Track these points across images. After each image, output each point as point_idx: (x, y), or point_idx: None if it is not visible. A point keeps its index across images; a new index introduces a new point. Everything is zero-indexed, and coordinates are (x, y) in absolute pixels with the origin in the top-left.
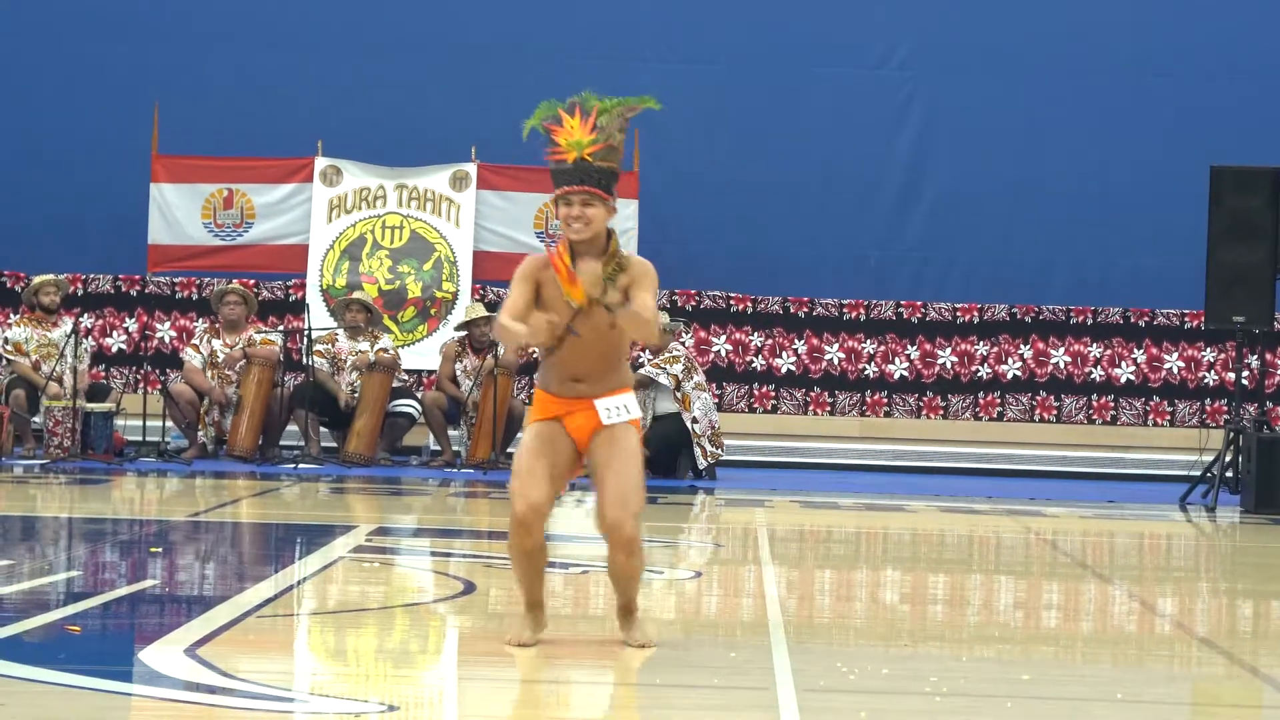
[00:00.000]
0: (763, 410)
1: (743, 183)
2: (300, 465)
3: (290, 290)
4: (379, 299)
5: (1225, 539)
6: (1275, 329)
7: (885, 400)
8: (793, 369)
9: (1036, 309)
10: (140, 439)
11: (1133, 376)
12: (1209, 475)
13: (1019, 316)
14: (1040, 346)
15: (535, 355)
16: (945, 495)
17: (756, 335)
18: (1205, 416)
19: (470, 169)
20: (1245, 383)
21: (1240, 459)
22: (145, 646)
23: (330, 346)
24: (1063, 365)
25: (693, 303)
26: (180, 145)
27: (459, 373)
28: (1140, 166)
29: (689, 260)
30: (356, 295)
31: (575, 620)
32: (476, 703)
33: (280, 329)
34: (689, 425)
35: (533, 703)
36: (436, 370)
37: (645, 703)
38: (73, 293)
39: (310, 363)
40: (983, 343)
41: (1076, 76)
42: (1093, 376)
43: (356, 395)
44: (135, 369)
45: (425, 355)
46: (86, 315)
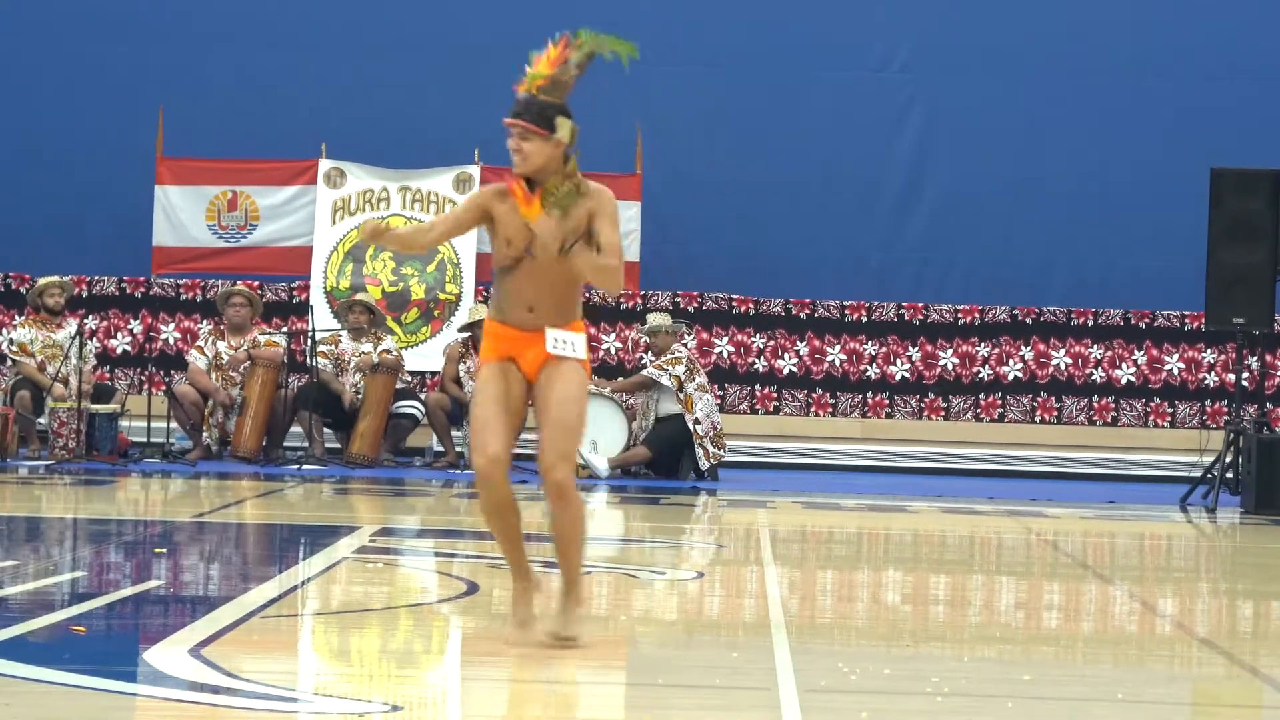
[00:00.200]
0: (765, 411)
1: (744, 184)
2: (304, 466)
3: (294, 292)
4: (382, 301)
5: (1225, 540)
6: (1275, 330)
7: (887, 401)
8: (794, 370)
9: (1037, 310)
10: (145, 440)
11: (1133, 378)
12: (1209, 476)
13: (1020, 318)
14: (1041, 348)
15: None
16: (947, 496)
17: (758, 337)
18: (1205, 418)
19: (473, 171)
20: (1245, 384)
21: (1240, 460)
22: (150, 647)
23: (334, 348)
24: (1063, 366)
25: (695, 304)
26: (185, 147)
27: (462, 374)
28: (1141, 168)
29: (691, 262)
30: (360, 297)
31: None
32: (479, 703)
33: (284, 330)
34: (691, 426)
35: (535, 703)
36: (440, 372)
37: (647, 703)
38: (77, 294)
39: (314, 364)
40: (984, 344)
41: (1077, 78)
42: (1093, 378)
43: (360, 396)
44: (140, 370)
45: (428, 357)
46: (91, 317)
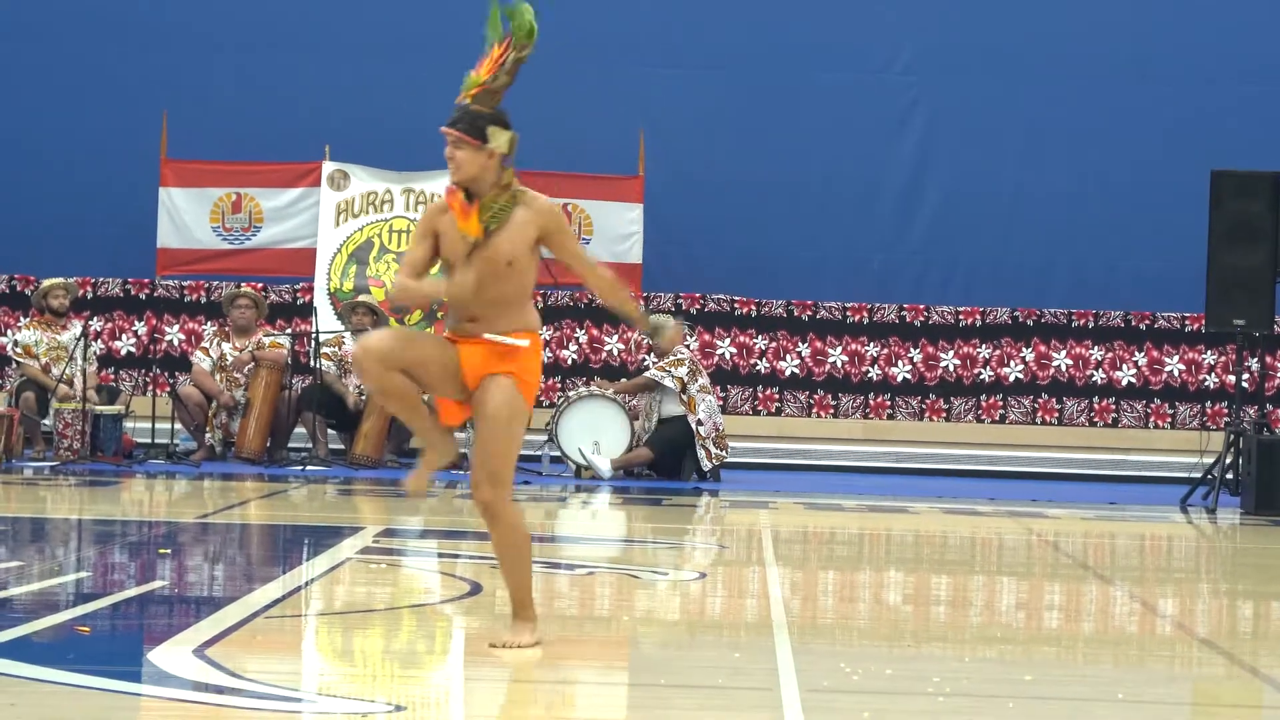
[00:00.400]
0: (767, 413)
1: (746, 186)
2: (308, 467)
3: (298, 294)
4: (385, 303)
5: (1225, 540)
6: (1275, 332)
7: (888, 403)
8: (796, 372)
9: (1038, 312)
10: (149, 441)
11: (1134, 379)
12: (1209, 477)
13: (1021, 320)
14: (1042, 349)
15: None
16: (948, 497)
17: (760, 338)
18: (1206, 419)
19: None
20: (1245, 385)
21: (1240, 461)
22: (154, 647)
23: (338, 349)
24: (1064, 368)
25: (697, 306)
26: (189, 150)
27: None
28: (1141, 170)
29: (693, 264)
30: (363, 299)
31: (581, 621)
32: (483, 703)
33: (288, 332)
34: (694, 428)
35: (538, 703)
36: None
37: (650, 703)
38: (82, 296)
39: (318, 365)
40: (985, 346)
41: (1078, 80)
42: (1094, 379)
43: (364, 398)
44: (144, 372)
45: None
46: (96, 318)
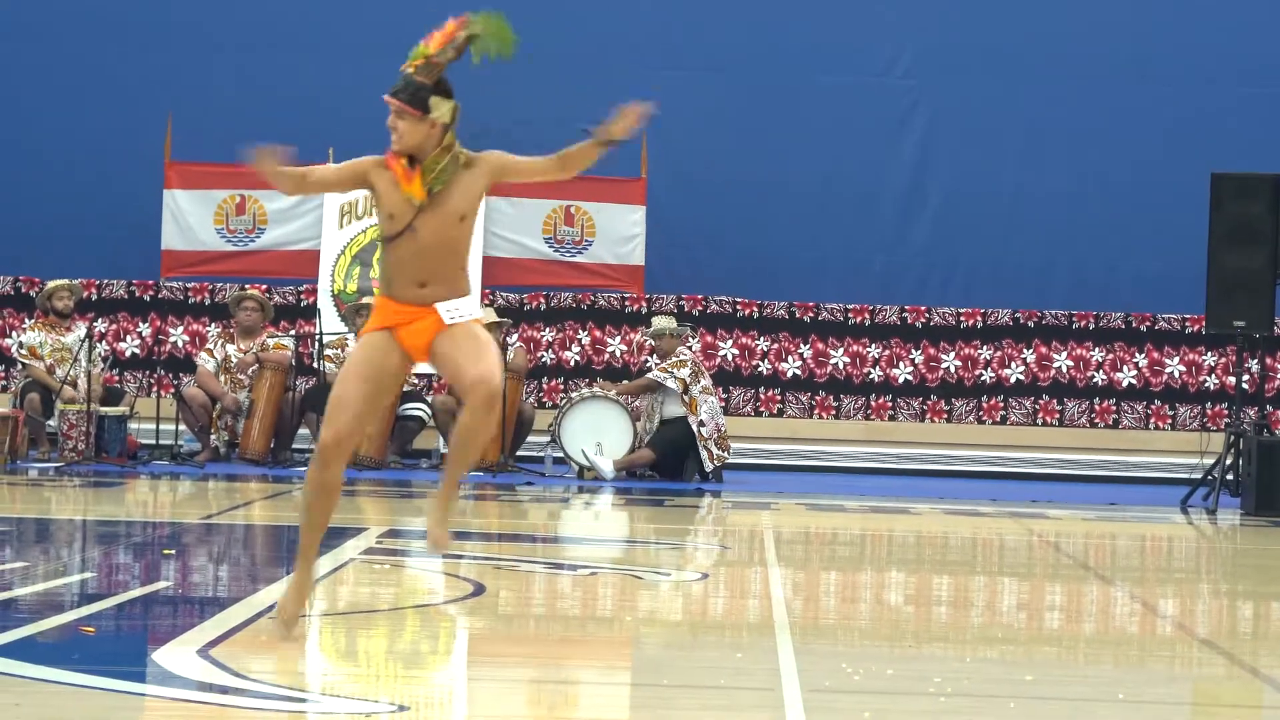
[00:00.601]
0: (769, 414)
1: (749, 188)
2: None
3: (302, 295)
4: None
5: (1226, 541)
6: (1275, 334)
7: (890, 404)
8: (798, 373)
9: (1039, 314)
10: (153, 442)
11: (1134, 380)
12: (1210, 478)
13: (1022, 321)
14: (1043, 351)
15: (543, 359)
16: (949, 498)
17: (762, 340)
18: (1206, 420)
19: None
20: (1245, 387)
21: (1241, 462)
22: (158, 647)
23: (341, 351)
24: (1065, 369)
25: (699, 308)
26: (193, 152)
27: None
28: (1142, 172)
29: (695, 265)
30: (366, 300)
31: (583, 621)
32: (486, 703)
33: (292, 334)
34: (696, 429)
35: (541, 703)
36: None
37: (652, 703)
38: (86, 297)
39: (321, 367)
40: (986, 347)
41: (1079, 82)
42: (1095, 380)
43: None
44: (149, 373)
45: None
46: (100, 320)
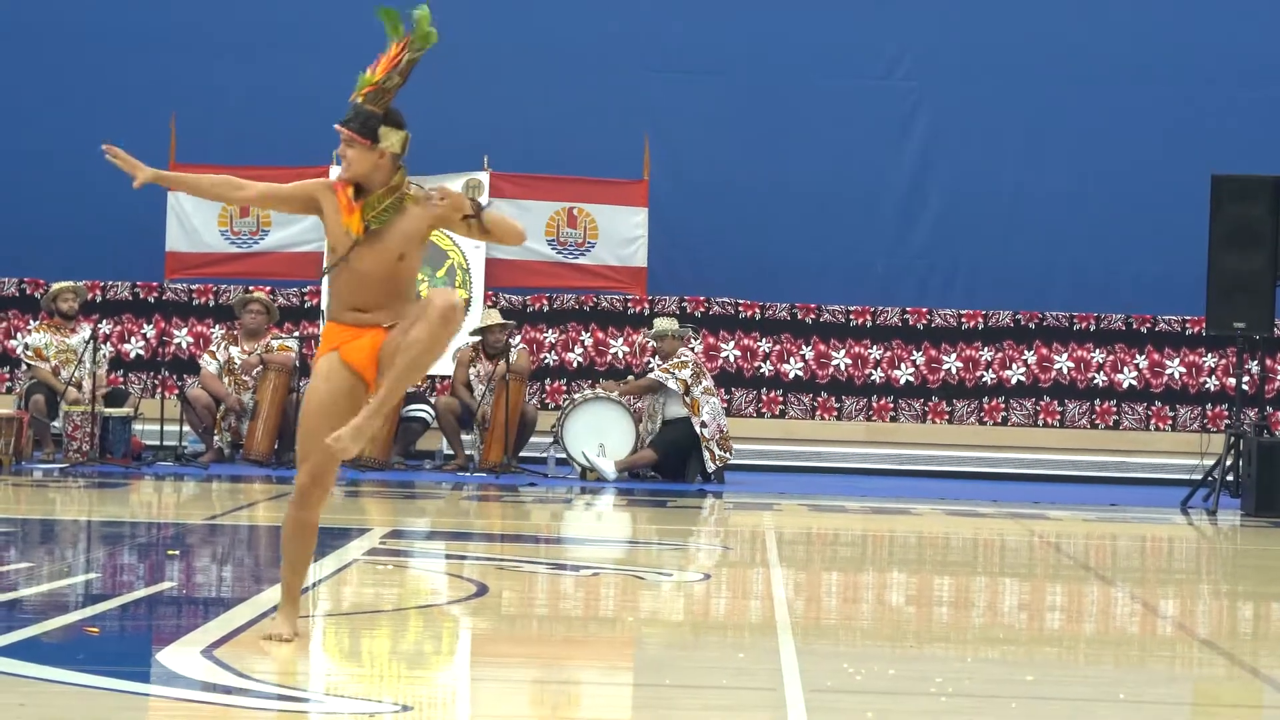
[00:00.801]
0: (770, 415)
1: (750, 190)
2: None
3: (305, 297)
4: None
5: (1226, 542)
6: (1275, 335)
7: (891, 405)
8: (800, 374)
9: (1040, 315)
10: (158, 443)
11: (1135, 382)
12: (1210, 479)
13: (1023, 323)
14: (1044, 352)
15: (546, 361)
16: (950, 499)
17: (764, 341)
18: (1206, 421)
19: (483, 177)
20: (1246, 388)
21: (1241, 463)
22: (162, 647)
23: None
24: (1066, 371)
25: (701, 309)
26: (197, 155)
27: (472, 378)
28: (1142, 174)
29: (697, 267)
30: None
31: (586, 621)
32: (489, 703)
33: (296, 335)
34: (698, 430)
35: (544, 703)
36: (450, 375)
37: (654, 703)
38: (91, 299)
39: None
40: (987, 348)
41: (1079, 84)
42: (1095, 382)
43: (368, 400)
44: (153, 374)
45: (439, 361)
46: (105, 321)
